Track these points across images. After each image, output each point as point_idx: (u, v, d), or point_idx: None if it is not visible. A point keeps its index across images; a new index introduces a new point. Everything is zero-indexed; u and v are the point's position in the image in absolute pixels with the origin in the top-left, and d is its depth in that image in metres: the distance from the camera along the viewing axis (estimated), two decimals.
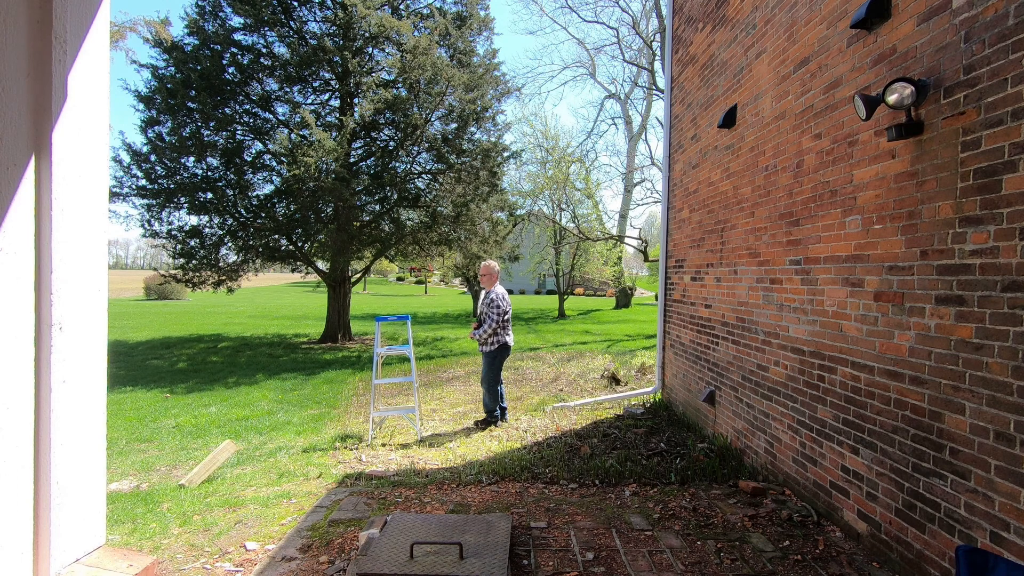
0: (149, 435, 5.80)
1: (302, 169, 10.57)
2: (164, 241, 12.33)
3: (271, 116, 12.84)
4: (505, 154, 14.07)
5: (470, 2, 13.67)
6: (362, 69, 12.17)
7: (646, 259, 21.82)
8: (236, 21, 12.23)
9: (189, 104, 11.31)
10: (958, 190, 2.39)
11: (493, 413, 5.90)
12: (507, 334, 5.95)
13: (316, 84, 13.17)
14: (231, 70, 12.08)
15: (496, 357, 5.87)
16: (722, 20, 5.03)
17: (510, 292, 47.49)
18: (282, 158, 11.36)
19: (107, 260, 2.07)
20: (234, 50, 12.04)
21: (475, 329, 5.97)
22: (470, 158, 13.20)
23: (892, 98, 2.61)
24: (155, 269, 14.60)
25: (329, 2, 12.53)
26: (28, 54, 1.73)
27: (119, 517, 3.54)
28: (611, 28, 36.66)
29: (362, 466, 4.61)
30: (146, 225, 12.15)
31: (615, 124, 31.37)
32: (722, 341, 4.93)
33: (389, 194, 12.83)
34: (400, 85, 12.48)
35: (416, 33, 12.16)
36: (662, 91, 18.05)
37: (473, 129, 13.43)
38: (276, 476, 4.39)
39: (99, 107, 1.99)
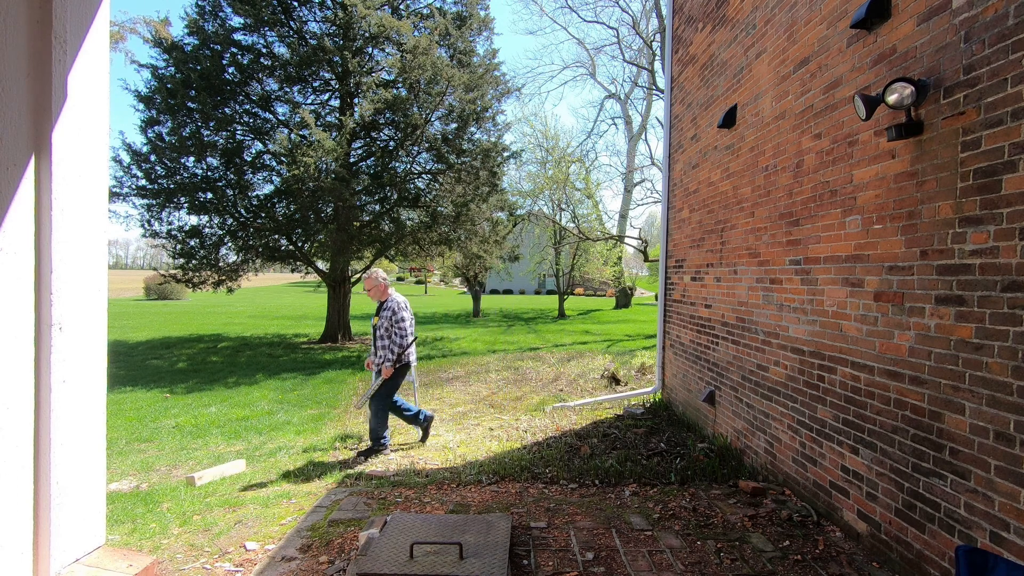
0: (149, 435, 5.80)
1: (302, 169, 10.57)
2: (164, 241, 12.32)
3: (271, 116, 12.83)
4: (505, 154, 14.06)
5: (470, 2, 13.67)
6: (362, 69, 12.16)
7: (646, 259, 21.82)
8: (236, 21, 12.24)
9: (189, 104, 11.31)
10: (958, 190, 2.39)
11: (381, 440, 4.97)
12: (412, 350, 5.04)
13: (316, 84, 13.15)
14: (231, 70, 12.07)
15: (396, 378, 4.99)
16: (722, 20, 5.03)
17: (509, 292, 47.79)
18: (282, 158, 11.36)
19: (107, 260, 2.07)
20: (234, 50, 12.03)
21: (374, 351, 5.05)
22: (470, 158, 13.19)
23: (892, 98, 2.61)
24: (155, 269, 14.58)
25: (329, 2, 12.53)
26: (28, 54, 1.73)
27: (119, 517, 3.54)
28: (611, 28, 36.71)
29: (362, 466, 4.61)
30: (146, 225, 12.15)
31: (615, 124, 31.44)
32: (722, 341, 4.93)
33: (389, 194, 12.82)
34: (400, 85, 12.47)
35: (416, 33, 12.15)
36: (662, 91, 18.05)
37: (473, 129, 13.42)
38: (276, 476, 4.40)
39: (99, 107, 1.99)
